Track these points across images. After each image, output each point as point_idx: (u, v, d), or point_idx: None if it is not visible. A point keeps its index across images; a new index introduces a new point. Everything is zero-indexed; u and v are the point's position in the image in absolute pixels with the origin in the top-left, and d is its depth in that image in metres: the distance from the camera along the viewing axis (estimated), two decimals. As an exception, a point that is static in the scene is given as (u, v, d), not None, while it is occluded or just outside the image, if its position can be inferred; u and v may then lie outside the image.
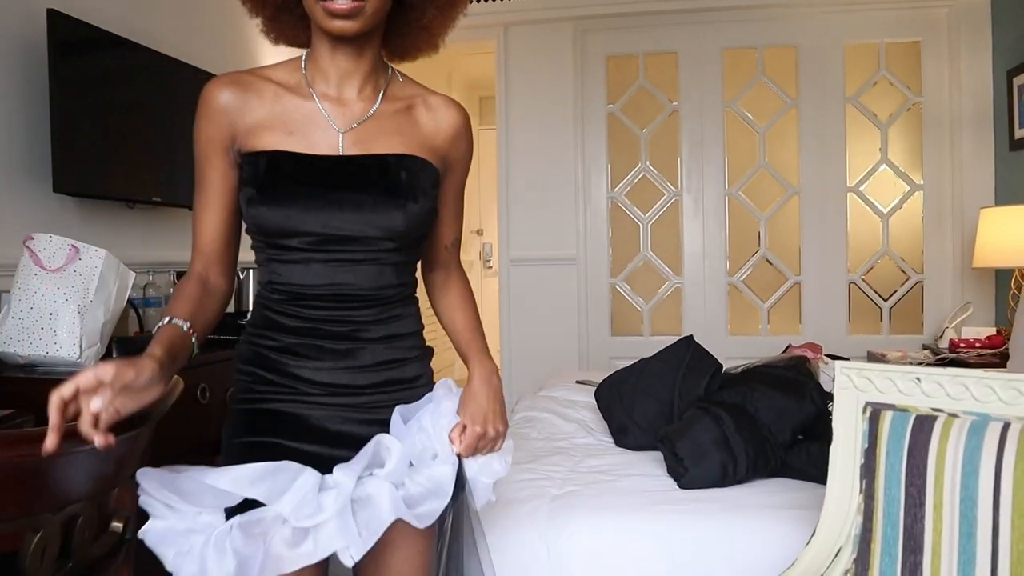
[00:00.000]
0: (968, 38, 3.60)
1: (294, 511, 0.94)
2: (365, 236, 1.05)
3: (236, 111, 1.07)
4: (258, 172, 1.04)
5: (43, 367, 1.91)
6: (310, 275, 1.06)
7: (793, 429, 1.75)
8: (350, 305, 1.08)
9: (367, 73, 1.10)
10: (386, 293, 1.10)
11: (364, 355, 1.09)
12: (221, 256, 1.12)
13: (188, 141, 1.11)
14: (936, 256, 3.75)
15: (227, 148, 1.08)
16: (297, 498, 0.94)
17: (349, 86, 1.09)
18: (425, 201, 1.08)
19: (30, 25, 2.21)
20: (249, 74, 1.10)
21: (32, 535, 0.90)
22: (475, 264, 7.02)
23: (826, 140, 3.81)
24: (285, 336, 1.09)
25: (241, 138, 1.07)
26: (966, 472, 1.02)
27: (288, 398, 1.08)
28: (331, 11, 0.98)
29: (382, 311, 1.10)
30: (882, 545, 1.09)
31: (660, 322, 4.06)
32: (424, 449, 1.08)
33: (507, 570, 1.49)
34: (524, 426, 2.21)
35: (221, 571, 0.93)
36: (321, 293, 1.07)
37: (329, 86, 1.09)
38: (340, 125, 1.08)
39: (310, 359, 1.08)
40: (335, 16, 0.99)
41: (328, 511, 0.95)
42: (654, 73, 3.99)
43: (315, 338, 1.08)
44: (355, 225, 1.04)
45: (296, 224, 1.03)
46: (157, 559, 0.95)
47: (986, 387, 1.08)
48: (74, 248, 1.92)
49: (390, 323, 1.11)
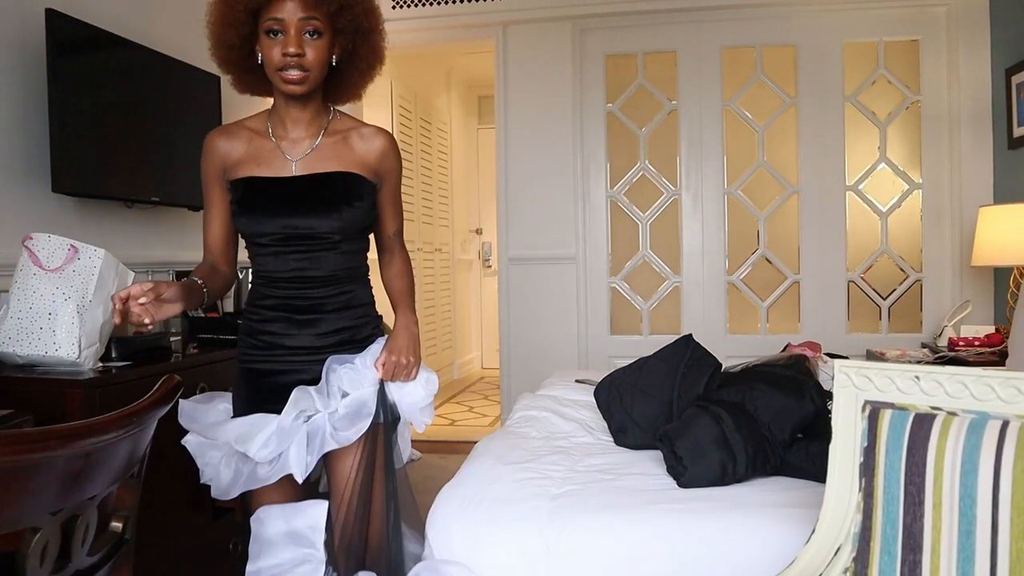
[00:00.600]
0: (967, 36, 3.60)
1: (256, 452, 1.41)
2: (314, 233, 1.46)
3: (225, 153, 1.52)
4: (237, 193, 1.49)
5: (42, 367, 1.91)
6: (279, 264, 1.48)
7: (792, 428, 1.75)
8: (309, 285, 1.49)
9: (311, 118, 1.52)
10: (337, 275, 1.51)
11: (323, 324, 1.50)
12: (224, 252, 1.57)
13: (187, 141, 1.17)
14: (935, 254, 3.76)
15: (221, 178, 1.53)
16: (259, 443, 1.40)
17: (299, 128, 1.51)
18: (360, 204, 1.49)
19: (29, 25, 2.20)
20: (234, 125, 1.56)
21: (31, 535, 0.90)
22: (474, 263, 7.02)
23: (825, 139, 3.81)
24: (265, 311, 1.51)
25: (228, 171, 1.52)
26: (965, 470, 1.02)
27: (267, 358, 1.51)
28: (285, 79, 1.42)
29: (335, 289, 1.51)
30: (881, 543, 1.09)
31: (659, 321, 4.07)
32: (353, 380, 1.47)
33: (507, 569, 1.49)
34: (523, 425, 2.20)
35: (225, 477, 1.48)
36: (288, 277, 1.49)
37: (285, 129, 1.52)
38: (293, 156, 1.50)
39: (283, 329, 1.50)
40: (288, 83, 1.42)
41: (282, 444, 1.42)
42: (653, 72, 3.99)
43: (286, 311, 1.50)
44: (305, 225, 1.45)
45: (264, 227, 1.46)
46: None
47: (985, 385, 1.08)
48: (73, 248, 1.92)
49: (342, 297, 1.52)
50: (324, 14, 1.42)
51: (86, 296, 1.91)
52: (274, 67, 1.42)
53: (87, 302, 1.91)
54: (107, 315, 1.97)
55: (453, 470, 1.84)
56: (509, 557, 1.50)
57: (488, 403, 5.48)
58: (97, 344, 1.95)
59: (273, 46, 1.40)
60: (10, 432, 0.86)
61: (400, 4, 4.06)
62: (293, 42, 1.39)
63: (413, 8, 4.04)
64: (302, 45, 1.40)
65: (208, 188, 1.54)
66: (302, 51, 1.40)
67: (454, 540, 1.54)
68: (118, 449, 1.03)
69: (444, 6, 4.01)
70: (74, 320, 1.87)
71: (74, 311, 1.88)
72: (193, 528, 2.22)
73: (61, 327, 1.87)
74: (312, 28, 1.41)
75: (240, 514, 2.31)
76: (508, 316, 4.05)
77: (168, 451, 2.09)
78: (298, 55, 1.40)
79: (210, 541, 2.29)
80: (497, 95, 4.06)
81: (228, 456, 1.49)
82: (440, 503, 1.62)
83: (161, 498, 2.03)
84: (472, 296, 7.02)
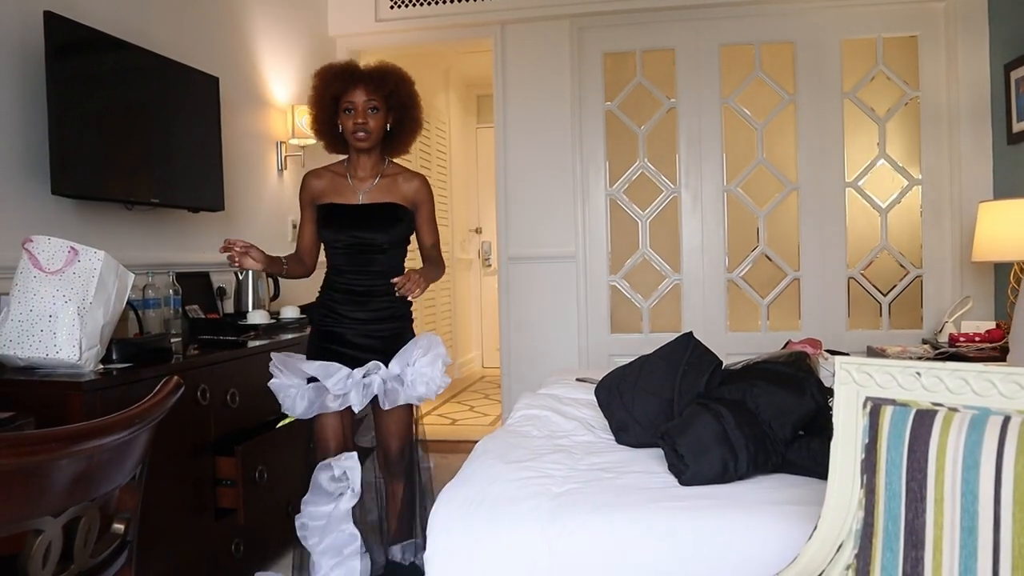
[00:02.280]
0: (965, 32, 3.60)
1: (332, 386, 2.11)
2: (371, 242, 2.20)
3: (314, 187, 2.26)
4: (323, 213, 2.24)
5: (43, 369, 1.91)
6: (346, 261, 2.22)
7: (794, 425, 1.75)
8: (365, 277, 2.21)
9: (373, 165, 2.26)
10: (384, 271, 2.20)
11: (374, 303, 2.22)
12: (309, 252, 2.32)
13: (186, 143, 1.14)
14: (935, 250, 3.75)
15: (311, 203, 2.27)
16: (333, 381, 2.11)
17: (364, 171, 2.25)
18: (401, 226, 2.23)
19: (27, 27, 2.20)
20: (322, 168, 2.29)
21: (34, 537, 0.90)
22: (474, 263, 7.01)
23: (824, 135, 3.81)
24: (335, 293, 2.23)
25: (316, 199, 2.26)
26: (967, 466, 1.02)
27: (336, 324, 2.22)
28: (356, 139, 2.17)
29: (382, 280, 2.18)
30: (883, 540, 1.09)
31: (659, 319, 4.06)
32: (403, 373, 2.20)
33: (509, 568, 1.49)
34: (524, 424, 2.21)
35: (301, 406, 2.12)
36: (352, 270, 2.22)
37: (356, 172, 2.26)
38: (360, 190, 2.24)
39: (347, 304, 2.21)
40: (358, 142, 2.17)
41: (349, 387, 2.13)
42: (651, 70, 3.98)
43: (349, 294, 2.21)
44: (367, 236, 2.19)
45: (339, 236, 2.21)
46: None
47: (986, 381, 1.08)
48: (73, 250, 1.92)
49: (387, 286, 2.14)
50: (380, 97, 2.15)
51: (86, 298, 1.91)
52: (349, 132, 2.16)
53: (87, 304, 1.91)
54: (107, 317, 1.97)
55: (454, 469, 1.84)
56: (511, 556, 1.50)
57: (489, 402, 5.48)
58: (98, 346, 1.95)
59: (348, 119, 2.15)
60: (12, 435, 0.86)
61: (398, 4, 4.06)
62: (361, 116, 2.14)
63: (411, 8, 4.04)
64: (367, 118, 2.14)
65: (303, 210, 2.29)
66: (367, 121, 2.14)
67: (455, 539, 1.54)
68: (120, 451, 1.03)
69: (442, 5, 4.00)
70: (75, 322, 1.87)
71: (75, 313, 1.88)
72: (195, 530, 2.22)
73: (62, 329, 1.87)
74: (372, 106, 2.15)
75: (242, 515, 2.32)
76: (508, 315, 4.05)
77: (170, 452, 2.10)
78: (364, 124, 2.14)
79: (212, 543, 2.30)
80: (496, 94, 4.05)
81: (302, 391, 2.12)
82: (441, 502, 1.62)
83: (163, 500, 2.03)
84: (472, 295, 7.02)
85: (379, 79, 2.15)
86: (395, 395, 2.18)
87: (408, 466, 2.30)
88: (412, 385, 2.19)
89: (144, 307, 2.44)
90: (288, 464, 2.52)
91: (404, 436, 2.27)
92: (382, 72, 2.17)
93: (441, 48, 5.07)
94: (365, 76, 2.14)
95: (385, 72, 2.17)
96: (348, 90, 2.13)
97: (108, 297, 1.96)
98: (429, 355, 2.20)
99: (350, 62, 2.21)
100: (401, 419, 2.25)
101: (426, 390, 2.19)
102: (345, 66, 2.18)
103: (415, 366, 2.19)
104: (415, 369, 2.19)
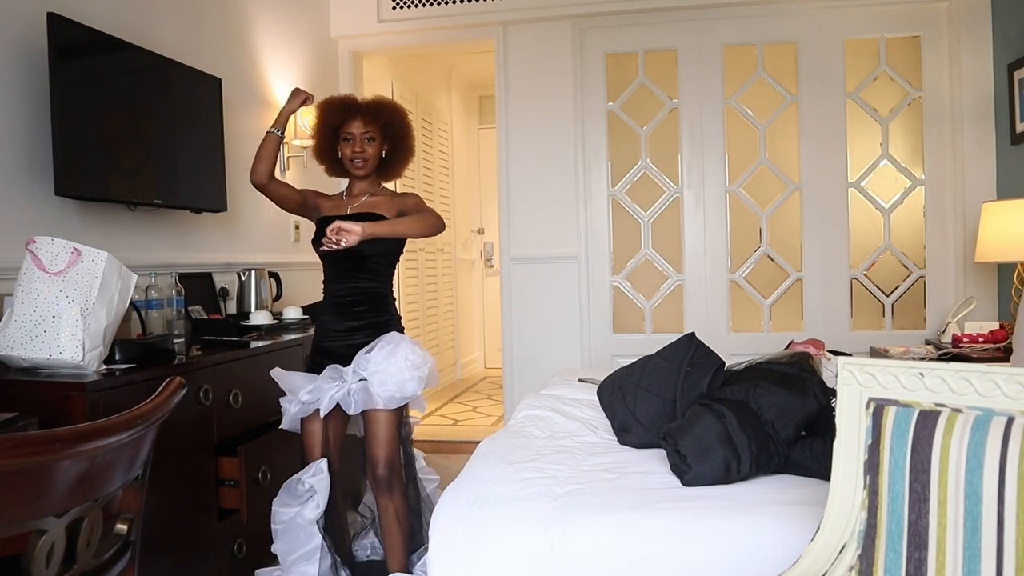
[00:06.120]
0: (968, 32, 3.59)
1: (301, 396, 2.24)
2: (359, 252, 2.24)
3: (319, 198, 2.44)
4: (317, 225, 2.36)
5: (46, 370, 1.91)
6: (333, 270, 2.35)
7: (796, 425, 1.75)
8: (352, 286, 2.32)
9: (366, 188, 2.41)
10: (368, 282, 2.33)
11: (355, 313, 2.32)
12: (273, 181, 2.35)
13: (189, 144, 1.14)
14: (938, 251, 3.75)
15: (308, 195, 2.43)
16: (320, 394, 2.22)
17: (358, 190, 2.41)
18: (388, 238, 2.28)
19: (30, 28, 2.21)
20: (329, 193, 2.49)
21: (37, 538, 0.90)
22: (476, 263, 7.01)
23: (827, 136, 3.81)
24: (326, 303, 2.37)
25: (314, 205, 2.42)
26: (970, 467, 1.01)
27: (324, 338, 2.35)
28: (354, 166, 2.35)
29: (371, 289, 2.34)
30: (887, 541, 1.09)
31: (662, 320, 4.06)
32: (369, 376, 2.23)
33: (511, 568, 1.49)
34: (527, 424, 2.21)
35: (291, 412, 2.27)
36: (337, 279, 2.33)
37: (351, 192, 2.42)
38: (350, 205, 2.39)
39: (332, 315, 2.34)
40: (355, 168, 2.35)
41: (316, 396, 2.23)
42: (654, 70, 3.98)
43: (335, 304, 2.34)
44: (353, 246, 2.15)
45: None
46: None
47: (990, 381, 1.08)
48: (76, 251, 1.92)
49: (374, 295, 2.34)
50: (376, 127, 2.33)
51: (89, 299, 1.91)
52: (348, 159, 2.34)
53: (90, 305, 1.91)
54: (110, 317, 1.97)
55: (457, 470, 1.84)
56: (513, 556, 1.50)
57: (491, 403, 5.48)
58: (101, 347, 1.95)
59: (346, 147, 2.33)
60: (15, 435, 0.86)
61: (400, 5, 4.06)
62: (358, 145, 2.32)
63: (413, 8, 4.04)
64: (364, 146, 2.33)
65: (306, 193, 2.44)
66: (364, 149, 2.33)
67: (458, 540, 1.54)
68: (123, 452, 1.03)
69: (444, 6, 4.00)
70: (77, 323, 1.88)
71: (77, 314, 1.88)
72: (198, 530, 2.22)
73: (65, 330, 1.87)
74: (369, 135, 2.33)
75: (245, 515, 2.32)
76: (510, 316, 4.05)
77: (173, 453, 2.10)
78: (361, 152, 2.32)
79: (215, 543, 2.30)
80: (498, 95, 4.06)
81: (295, 401, 2.26)
82: (444, 503, 1.62)
83: (166, 500, 2.03)
84: (474, 296, 7.02)
85: (375, 111, 2.33)
86: (366, 397, 2.20)
87: (401, 480, 2.30)
88: (383, 384, 2.19)
89: (147, 308, 2.44)
90: (291, 464, 2.52)
91: (390, 443, 2.25)
92: (378, 105, 2.36)
93: (443, 49, 5.06)
94: (362, 108, 2.33)
95: (380, 105, 2.37)
96: (347, 121, 2.31)
97: (111, 298, 1.96)
98: (385, 352, 2.22)
99: (349, 96, 2.40)
100: (384, 425, 2.24)
101: (397, 388, 2.20)
102: (344, 99, 2.37)
103: (373, 364, 2.21)
104: (374, 367, 2.20)
